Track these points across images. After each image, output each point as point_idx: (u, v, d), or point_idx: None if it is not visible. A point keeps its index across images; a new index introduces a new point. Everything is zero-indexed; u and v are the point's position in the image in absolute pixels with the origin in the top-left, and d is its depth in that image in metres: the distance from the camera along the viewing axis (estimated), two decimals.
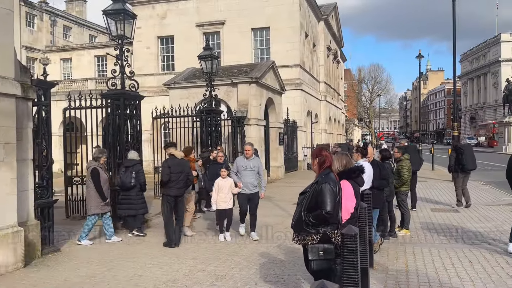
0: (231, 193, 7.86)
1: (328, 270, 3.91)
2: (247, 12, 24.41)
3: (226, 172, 7.97)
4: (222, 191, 7.79)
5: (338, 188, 4.00)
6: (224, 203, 7.81)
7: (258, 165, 7.93)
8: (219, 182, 7.87)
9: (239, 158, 8.15)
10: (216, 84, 14.13)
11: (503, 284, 5.25)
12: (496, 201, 11.84)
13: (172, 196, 7.54)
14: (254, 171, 7.82)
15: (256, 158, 8.09)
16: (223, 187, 7.82)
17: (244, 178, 7.78)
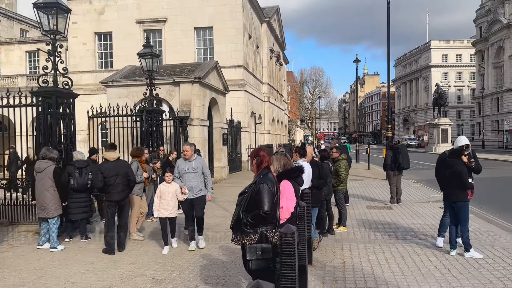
0: (175, 200, 7.09)
1: (266, 270, 3.93)
2: (190, 11, 24.11)
3: (170, 176, 7.19)
4: (164, 198, 7.00)
5: (276, 188, 4.04)
6: (166, 211, 7.01)
7: (201, 165, 7.28)
8: (161, 187, 7.10)
9: (179, 161, 7.41)
10: (158, 83, 13.78)
11: (431, 276, 5.59)
12: (426, 198, 12.59)
13: (114, 201, 7.19)
14: (198, 173, 7.18)
15: (199, 158, 7.44)
16: (166, 193, 7.03)
17: (187, 182, 7.11)
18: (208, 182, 7.35)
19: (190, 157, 7.22)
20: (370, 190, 14.87)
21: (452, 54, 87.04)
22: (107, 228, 7.15)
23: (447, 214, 6.83)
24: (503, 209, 10.75)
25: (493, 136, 61.69)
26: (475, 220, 9.06)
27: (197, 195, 7.15)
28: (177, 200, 7.14)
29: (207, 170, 7.42)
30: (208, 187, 7.36)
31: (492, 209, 10.76)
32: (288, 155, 5.38)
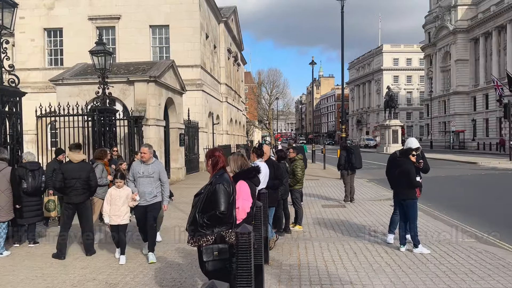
0: (127, 206, 6.50)
1: (223, 270, 3.92)
2: (145, 8, 23.60)
3: (122, 182, 6.54)
4: (115, 203, 6.42)
5: (232, 188, 4.04)
6: (117, 218, 6.41)
7: (158, 170, 6.64)
8: (112, 191, 6.53)
9: (135, 163, 6.82)
10: (111, 81, 13.37)
11: (382, 271, 5.79)
12: (378, 196, 13.04)
13: (72, 204, 6.92)
14: (153, 178, 6.55)
15: (157, 162, 6.80)
16: (116, 198, 6.44)
17: (141, 187, 6.51)
18: (165, 189, 6.73)
19: (147, 160, 6.61)
20: (325, 189, 15.20)
21: (403, 58, 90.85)
22: (60, 230, 6.88)
23: (397, 212, 7.11)
24: (449, 207, 11.33)
25: (441, 137, 64.93)
26: (423, 217, 9.48)
27: (151, 202, 6.56)
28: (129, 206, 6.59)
29: (165, 176, 6.79)
30: (165, 194, 6.74)
31: (439, 206, 11.31)
32: (245, 155, 5.41)
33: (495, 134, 52.97)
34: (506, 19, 51.44)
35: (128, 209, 6.54)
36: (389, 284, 5.28)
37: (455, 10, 62.28)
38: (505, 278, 5.42)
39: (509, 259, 6.23)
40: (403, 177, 6.65)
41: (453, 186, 16.55)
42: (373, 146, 64.84)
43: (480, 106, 57.85)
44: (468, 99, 61.37)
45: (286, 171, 8.48)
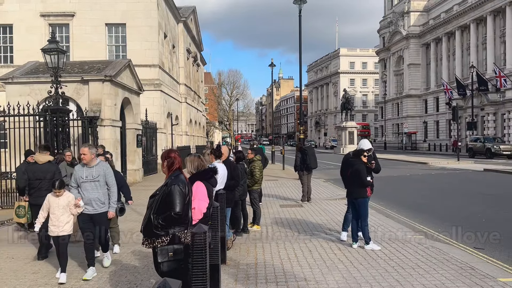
0: (68, 214, 5.74)
1: (178, 270, 3.95)
2: (100, 6, 22.96)
3: (60, 191, 5.72)
4: (53, 212, 5.67)
5: (187, 189, 4.07)
6: (56, 228, 5.65)
7: (104, 173, 5.93)
8: (49, 198, 5.76)
9: (77, 167, 6.08)
10: (64, 80, 12.95)
11: (335, 268, 6.00)
12: (334, 196, 13.41)
13: (35, 205, 6.79)
14: (99, 182, 5.87)
15: (101, 164, 6.05)
16: (55, 206, 5.67)
17: (85, 193, 5.81)
18: (112, 194, 6.03)
19: (89, 162, 5.86)
20: (284, 189, 15.44)
21: (359, 61, 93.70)
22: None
23: (350, 210, 7.38)
24: (400, 205, 11.84)
25: (394, 138, 67.48)
26: (375, 215, 9.87)
27: (99, 211, 5.86)
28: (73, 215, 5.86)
29: (112, 179, 6.05)
30: (112, 200, 6.02)
31: (391, 205, 11.80)
32: (202, 156, 5.44)
33: (445, 136, 55.71)
34: (455, 26, 54.28)
35: (69, 218, 5.76)
36: (341, 280, 5.48)
37: (408, 16, 64.99)
38: (448, 271, 5.76)
39: (453, 254, 6.62)
40: (355, 177, 6.91)
41: (404, 185, 17.28)
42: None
43: (431, 108, 60.65)
44: (420, 102, 64.18)
45: (244, 172, 8.58)
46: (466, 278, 5.46)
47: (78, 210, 5.75)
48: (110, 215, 6.08)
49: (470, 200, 12.65)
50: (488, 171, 21.66)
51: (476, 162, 28.47)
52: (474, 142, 36.55)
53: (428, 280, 5.42)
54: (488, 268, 5.89)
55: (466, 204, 11.97)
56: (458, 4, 53.88)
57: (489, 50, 47.80)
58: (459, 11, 52.90)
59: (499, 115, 43.46)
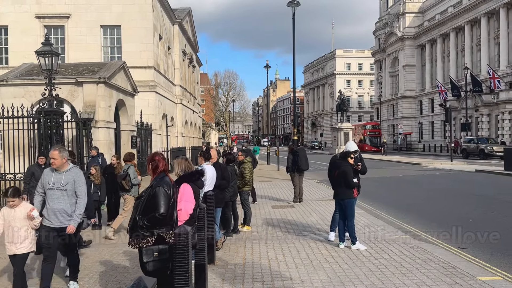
0: (27, 228, 4.96)
1: (164, 270, 4.08)
2: (96, 8, 23.07)
3: (14, 200, 4.91)
4: (10, 224, 4.91)
5: (172, 191, 4.21)
6: (12, 246, 4.91)
7: (74, 180, 5.15)
8: (4, 211, 5.00)
9: (46, 171, 5.38)
10: (58, 82, 13.04)
11: (321, 267, 6.14)
12: (325, 196, 13.55)
13: None
14: (67, 191, 5.09)
15: (73, 170, 5.24)
16: (11, 219, 4.92)
17: (50, 202, 5.09)
18: (79, 207, 5.19)
19: (59, 166, 5.16)
20: (276, 190, 15.58)
21: (355, 62, 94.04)
22: None
23: (337, 211, 7.53)
24: (390, 206, 12.01)
25: (390, 139, 67.73)
26: (365, 215, 10.04)
27: (65, 224, 5.12)
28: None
29: (82, 189, 5.24)
30: (76, 213, 5.17)
31: (381, 205, 11.97)
32: (189, 159, 5.58)
33: (440, 137, 56.00)
34: (449, 27, 54.62)
35: (28, 233, 4.98)
36: (326, 279, 5.62)
37: (403, 17, 65.32)
38: (430, 270, 5.92)
39: (437, 253, 6.78)
40: (342, 178, 7.06)
41: (396, 186, 17.46)
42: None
43: (426, 109, 60.98)
44: (415, 103, 64.50)
45: (234, 174, 8.72)
46: (447, 277, 5.62)
47: (35, 222, 4.97)
48: (70, 230, 5.12)
49: (460, 201, 12.83)
50: (480, 172, 21.88)
51: (469, 163, 28.71)
52: (468, 143, 36.83)
53: (410, 279, 5.57)
54: (469, 268, 6.05)
55: (455, 204, 12.14)
56: (453, 6, 54.24)
57: (483, 51, 48.15)
58: (453, 13, 53.26)
59: (493, 116, 43.78)
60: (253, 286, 5.43)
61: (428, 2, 63.48)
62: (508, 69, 43.93)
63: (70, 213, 5.15)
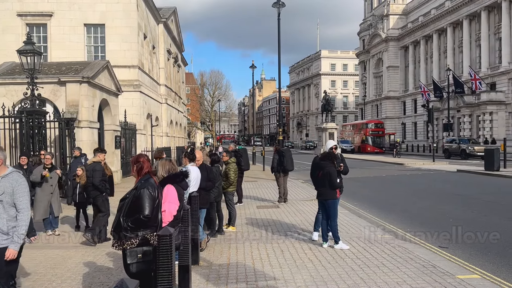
0: None
1: (148, 272, 4.09)
2: (79, 6, 22.77)
3: None
4: None
5: (157, 192, 4.22)
6: None
7: (12, 189, 4.03)
8: None
9: None
10: (41, 82, 12.89)
11: (304, 267, 6.22)
12: (310, 196, 13.63)
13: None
14: (2, 203, 4.00)
15: (12, 176, 4.09)
16: None
17: None
18: (21, 225, 4.04)
19: None
20: (262, 190, 15.64)
21: (339, 63, 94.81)
22: None
23: (321, 211, 7.61)
24: (373, 205, 12.18)
25: None
26: (348, 215, 10.16)
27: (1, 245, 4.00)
28: None
29: (23, 201, 4.07)
30: (18, 232, 4.02)
31: (364, 205, 12.13)
32: (174, 160, 5.59)
33: (422, 137, 56.88)
34: (432, 29, 55.52)
35: None
36: (309, 278, 5.70)
37: (387, 19, 66.14)
38: (411, 269, 6.04)
39: (418, 253, 6.92)
40: (326, 179, 7.14)
41: (379, 186, 17.68)
42: (351, 150, 49.68)
43: (409, 110, 61.87)
44: (398, 104, 65.39)
45: (219, 174, 8.74)
46: (427, 275, 5.75)
47: None
48: (9, 255, 3.98)
49: (441, 200, 13.07)
50: (461, 172, 22.31)
51: (451, 163, 29.23)
52: (450, 143, 37.48)
53: (391, 278, 5.68)
54: (449, 266, 6.20)
55: (436, 204, 12.37)
56: (436, 8, 55.14)
57: (465, 53, 49.07)
58: (436, 15, 54.14)
59: (475, 117, 44.67)
60: (237, 286, 5.47)
61: (411, 4, 64.41)
62: (489, 71, 44.86)
63: (6, 231, 3.99)
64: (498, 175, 19.41)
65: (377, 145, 51.50)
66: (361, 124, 56.10)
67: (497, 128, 41.79)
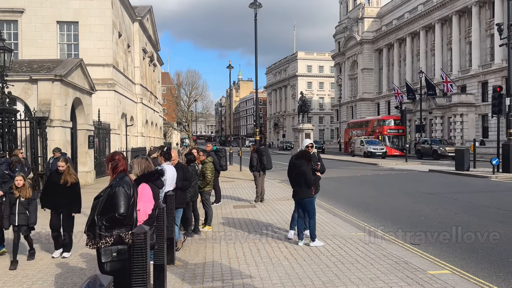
0: None
1: (123, 270, 4.04)
2: (52, 3, 22.27)
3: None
4: None
5: (132, 191, 4.17)
6: None
7: None
8: None
9: None
10: (11, 79, 12.54)
11: (280, 265, 6.26)
12: (286, 196, 13.72)
13: None
14: None
15: None
16: None
17: None
18: None
19: None
20: (239, 190, 15.64)
21: (316, 65, 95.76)
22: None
23: (296, 209, 7.68)
24: (348, 204, 12.37)
25: None
26: (324, 214, 10.29)
27: None
28: None
29: None
30: None
31: (339, 204, 12.31)
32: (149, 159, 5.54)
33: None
34: (405, 32, 56.75)
35: None
36: (285, 276, 5.75)
37: (362, 22, 67.22)
38: (384, 265, 6.17)
39: (390, 249, 7.07)
40: (301, 178, 7.22)
41: (353, 185, 17.96)
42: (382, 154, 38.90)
43: (383, 111, 63.00)
44: (372, 105, 66.55)
45: (196, 174, 8.70)
46: (399, 271, 5.89)
47: None
48: None
49: (413, 199, 13.38)
50: (433, 172, 22.90)
51: (423, 163, 29.94)
52: (422, 144, 38.39)
53: (365, 274, 5.79)
54: (420, 262, 6.36)
55: (409, 202, 12.66)
56: (409, 12, 56.41)
57: (437, 56, 50.37)
58: (409, 19, 55.38)
59: (446, 118, 45.91)
60: (212, 285, 5.47)
61: (386, 7, 65.68)
62: (460, 74, 46.21)
63: None
64: (468, 175, 20.02)
65: (396, 146, 42.28)
66: (376, 121, 47.28)
67: (467, 129, 43.07)
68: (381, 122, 45.69)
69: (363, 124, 49.81)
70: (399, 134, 42.23)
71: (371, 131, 45.96)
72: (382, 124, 45.01)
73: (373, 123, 47.01)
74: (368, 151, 38.65)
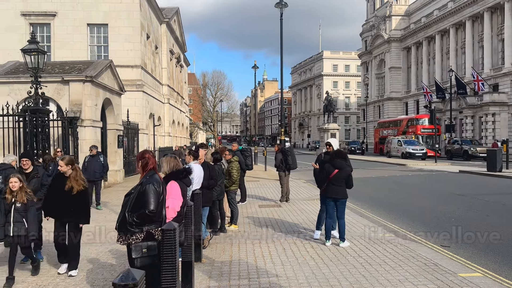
0: None
1: (152, 266, 4.13)
2: (83, 6, 22.91)
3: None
4: None
5: (162, 188, 4.26)
6: None
7: None
8: None
9: None
10: (44, 81, 12.94)
11: (306, 264, 6.25)
12: (312, 196, 13.68)
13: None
14: None
15: None
16: None
17: None
18: None
19: None
20: (264, 190, 15.67)
21: (342, 64, 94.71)
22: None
23: (323, 209, 7.64)
24: (375, 205, 12.20)
25: None
26: (350, 214, 10.16)
27: None
28: None
29: None
30: None
31: (366, 204, 12.16)
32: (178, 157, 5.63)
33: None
34: (435, 30, 55.42)
35: None
36: (311, 275, 5.73)
37: (390, 20, 66.06)
38: (413, 267, 6.06)
39: (419, 251, 6.94)
40: (343, 178, 7.19)
41: (381, 186, 17.69)
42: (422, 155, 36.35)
43: (412, 111, 61.71)
44: (400, 105, 65.28)
45: (222, 173, 8.77)
46: (429, 273, 5.77)
47: None
48: None
49: (442, 200, 13.07)
50: (463, 173, 22.29)
51: (453, 164, 29.19)
52: (452, 144, 37.40)
53: (393, 276, 5.70)
54: (450, 264, 6.21)
55: (438, 204, 12.37)
56: (438, 9, 55.06)
57: (467, 54, 48.97)
58: (439, 16, 54.07)
59: (477, 118, 44.57)
60: (239, 283, 5.51)
61: (414, 5, 64.34)
62: (491, 72, 44.78)
63: None
64: (500, 176, 19.39)
65: (431, 147, 38.22)
66: (408, 120, 45.13)
67: (499, 129, 41.67)
68: (414, 121, 43.66)
69: (394, 124, 47.88)
70: (432, 133, 38.82)
71: (403, 130, 44.00)
72: (415, 124, 42.91)
73: (406, 123, 44.94)
74: (407, 151, 36.55)
